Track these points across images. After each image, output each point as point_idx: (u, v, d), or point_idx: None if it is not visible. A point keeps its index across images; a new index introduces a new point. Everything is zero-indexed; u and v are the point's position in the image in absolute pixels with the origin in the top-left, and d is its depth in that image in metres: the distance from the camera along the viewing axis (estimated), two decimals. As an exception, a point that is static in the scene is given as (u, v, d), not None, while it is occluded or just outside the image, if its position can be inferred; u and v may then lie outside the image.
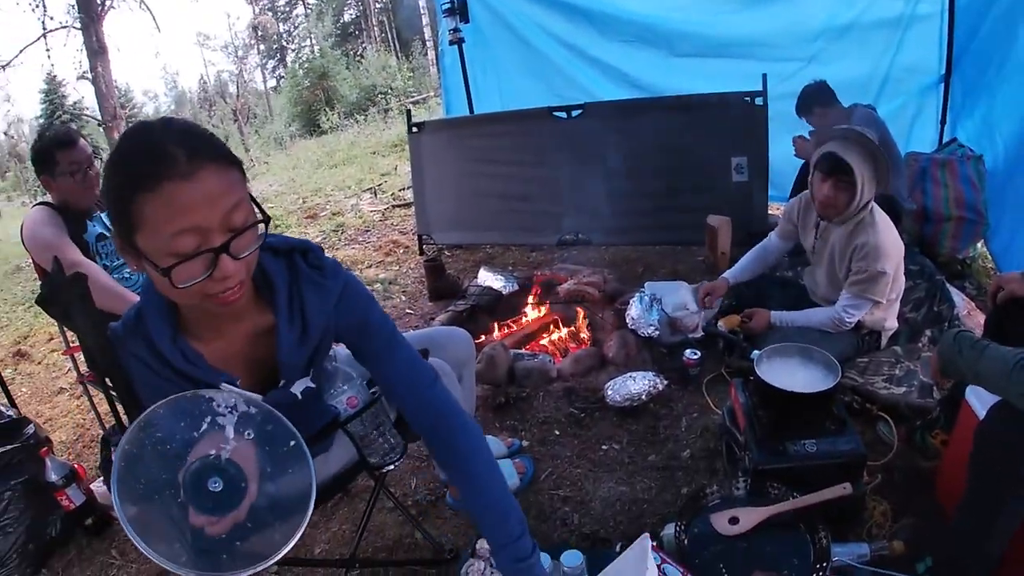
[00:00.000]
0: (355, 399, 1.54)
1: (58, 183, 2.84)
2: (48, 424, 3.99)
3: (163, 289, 1.19)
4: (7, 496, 2.68)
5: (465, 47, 5.73)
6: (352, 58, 31.08)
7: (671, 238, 4.60)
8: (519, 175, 5.04)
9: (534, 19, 5.82)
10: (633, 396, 2.84)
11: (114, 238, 1.22)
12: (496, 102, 6.13)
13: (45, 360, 5.54)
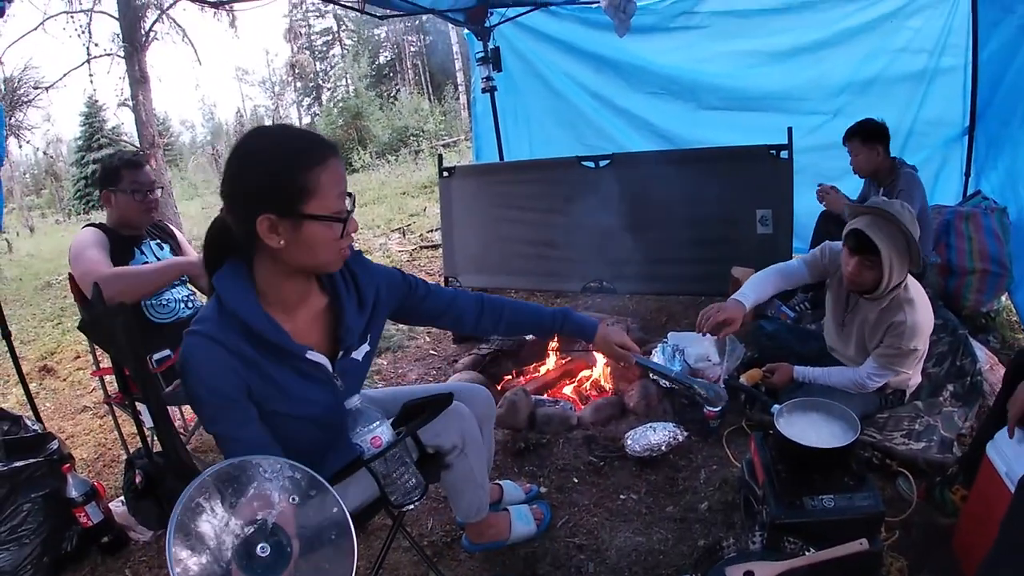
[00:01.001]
0: (379, 439, 1.57)
1: (118, 199, 2.99)
2: (70, 441, 4.06)
3: (314, 247, 1.53)
4: (26, 508, 2.74)
5: (497, 95, 5.90)
6: (386, 99, 31.54)
7: (695, 288, 4.62)
8: (546, 222, 5.11)
9: (564, 70, 5.99)
10: (653, 446, 2.84)
11: (260, 219, 1.47)
12: (526, 149, 6.30)
13: (70, 377, 5.63)
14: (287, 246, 1.51)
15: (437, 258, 6.83)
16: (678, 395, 3.23)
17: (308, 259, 1.56)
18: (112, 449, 3.96)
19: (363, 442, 1.57)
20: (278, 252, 1.53)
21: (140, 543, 2.90)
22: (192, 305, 3.19)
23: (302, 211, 1.48)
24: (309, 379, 1.70)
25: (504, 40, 5.92)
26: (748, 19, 5.15)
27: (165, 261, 2.91)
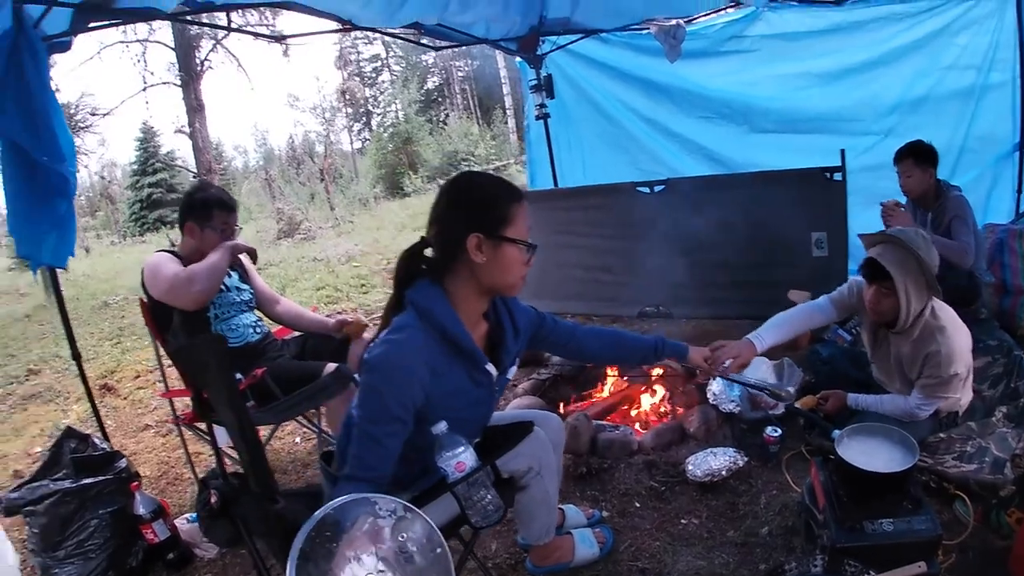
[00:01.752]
0: (464, 464, 1.70)
1: (204, 234, 3.14)
2: (133, 458, 4.14)
3: (507, 267, 1.88)
4: (94, 524, 2.90)
5: (550, 122, 5.99)
6: (435, 124, 31.83)
7: (751, 312, 4.57)
8: (602, 247, 5.20)
9: (616, 95, 6.07)
10: (714, 471, 2.89)
11: (471, 236, 1.83)
12: (579, 175, 6.38)
13: (131, 396, 5.83)
14: (487, 263, 1.86)
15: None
16: (751, 399, 3.32)
17: (499, 277, 1.90)
18: (175, 468, 4.12)
19: (448, 466, 1.70)
20: (477, 268, 1.87)
21: (205, 560, 3.02)
22: (260, 330, 3.34)
23: (503, 234, 1.85)
24: (479, 388, 2.00)
25: (556, 67, 6.02)
26: (797, 41, 5.19)
27: (218, 252, 3.05)
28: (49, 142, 2.80)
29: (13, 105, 2.73)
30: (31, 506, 2.85)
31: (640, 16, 5.09)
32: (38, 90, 2.76)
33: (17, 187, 2.85)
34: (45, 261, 3.04)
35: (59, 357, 8.15)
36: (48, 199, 2.89)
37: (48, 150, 2.80)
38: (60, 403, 6.21)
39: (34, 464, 4.72)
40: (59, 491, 2.87)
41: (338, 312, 6.48)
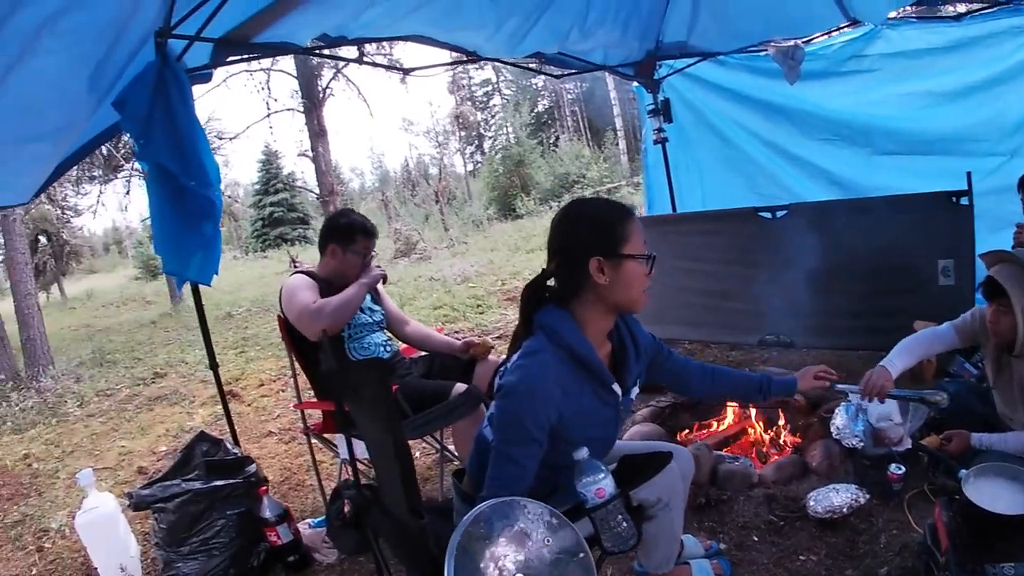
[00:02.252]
0: (603, 491, 1.73)
1: (345, 257, 3.32)
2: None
3: (630, 282, 1.95)
4: (220, 523, 3.05)
5: (668, 146, 5.92)
6: (546, 146, 32.07)
7: (875, 343, 4.40)
8: (722, 273, 5.08)
9: (735, 118, 5.98)
10: (835, 508, 2.79)
11: (592, 260, 1.91)
12: (698, 199, 6.28)
13: (255, 403, 6.10)
14: (610, 283, 1.92)
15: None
16: (874, 434, 3.18)
17: (624, 294, 1.96)
18: (297, 474, 4.29)
19: (588, 491, 1.74)
20: (602, 289, 1.93)
21: (323, 565, 3.12)
22: (390, 349, 3.45)
23: (622, 252, 1.92)
24: (606, 407, 2.06)
25: (673, 91, 5.96)
26: (917, 59, 5.02)
27: (354, 288, 3.18)
28: (196, 168, 2.97)
29: (161, 133, 2.90)
30: (161, 503, 3.01)
31: (757, 38, 5.03)
32: (184, 119, 2.94)
33: (164, 209, 3.02)
34: (190, 278, 3.22)
35: (184, 363, 8.62)
36: (195, 221, 3.05)
37: (195, 175, 2.97)
38: (185, 406, 6.56)
39: (159, 462, 5.02)
40: (191, 491, 3.02)
41: (456, 332, 6.62)
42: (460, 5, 3.72)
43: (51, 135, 2.95)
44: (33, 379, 8.88)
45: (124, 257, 48.19)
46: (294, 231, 34.55)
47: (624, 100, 31.82)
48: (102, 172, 20.09)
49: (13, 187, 3.44)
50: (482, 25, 3.94)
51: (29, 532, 4.28)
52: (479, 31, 4.08)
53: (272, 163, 36.18)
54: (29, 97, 2.56)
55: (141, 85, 2.87)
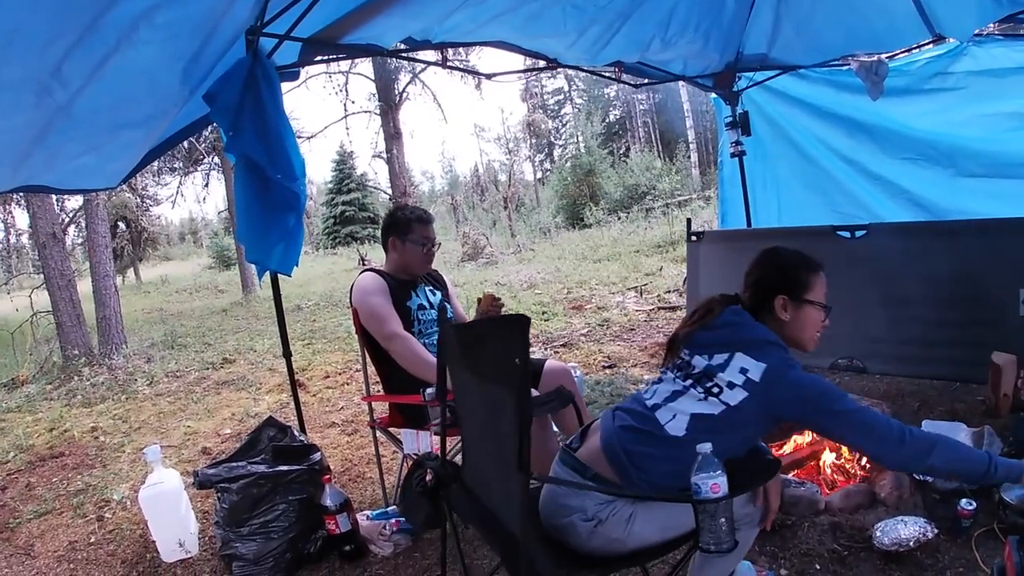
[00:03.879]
0: (719, 487, 1.75)
1: (406, 249, 3.36)
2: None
3: (806, 325, 2.19)
4: (281, 508, 3.08)
5: (745, 160, 5.82)
6: (617, 157, 31.94)
7: (951, 373, 4.29)
8: None
9: (815, 134, 5.85)
10: (902, 541, 2.68)
11: (778, 298, 2.16)
12: (774, 215, 6.16)
13: (319, 394, 6.18)
14: (790, 321, 2.17)
15: (675, 320, 6.80)
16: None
17: (799, 333, 2.20)
18: (358, 466, 4.33)
19: (703, 484, 1.76)
20: (781, 324, 2.17)
21: (378, 557, 3.14)
22: None
23: (804, 297, 2.17)
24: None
25: (752, 104, 5.85)
26: (1005, 79, 4.84)
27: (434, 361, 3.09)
28: (283, 161, 3.04)
29: (250, 126, 2.97)
30: (226, 483, 3.06)
31: (840, 52, 4.93)
32: (273, 114, 3.01)
33: (250, 200, 3.09)
34: (272, 268, 3.27)
35: (253, 350, 8.80)
36: (279, 213, 3.12)
37: (282, 169, 3.03)
38: (252, 392, 6.68)
39: (223, 443, 5.13)
40: (255, 474, 3.07)
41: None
42: (543, 12, 3.72)
43: (143, 123, 3.05)
44: (106, 356, 9.17)
45: (199, 247, 49.67)
46: (364, 230, 35.16)
47: (697, 112, 31.60)
48: (183, 165, 20.81)
49: (103, 171, 3.55)
50: (564, 32, 3.94)
51: (91, 501, 4.40)
52: (561, 38, 4.08)
53: (346, 163, 36.89)
54: (125, 85, 2.64)
55: (232, 80, 2.94)
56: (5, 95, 2.34)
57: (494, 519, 2.00)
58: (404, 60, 6.37)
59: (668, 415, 2.02)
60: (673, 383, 2.12)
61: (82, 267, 14.98)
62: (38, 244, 9.46)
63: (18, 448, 5.81)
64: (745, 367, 1.99)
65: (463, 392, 2.19)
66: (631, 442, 2.01)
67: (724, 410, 1.97)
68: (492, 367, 1.88)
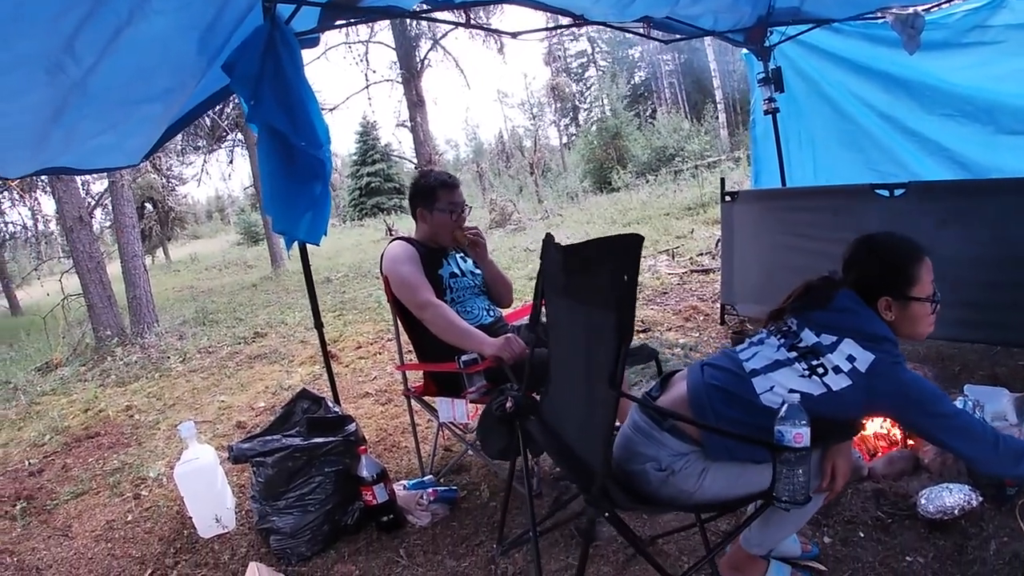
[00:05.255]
0: (802, 437, 1.77)
1: (433, 217, 3.30)
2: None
3: (915, 322, 2.10)
4: (317, 480, 3.08)
5: (779, 117, 5.66)
6: (643, 119, 31.59)
7: (993, 337, 4.13)
8: (834, 252, 4.65)
9: (851, 89, 5.66)
10: (946, 509, 2.62)
11: (881, 300, 2.06)
12: (810, 174, 6.01)
13: (352, 365, 6.19)
14: (895, 320, 2.07)
15: (708, 283, 6.74)
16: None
17: (908, 330, 2.10)
18: (392, 435, 4.32)
19: (787, 433, 1.79)
20: (889, 323, 2.05)
21: (416, 527, 3.13)
22: (493, 313, 3.42)
23: (910, 295, 2.06)
24: None
25: (785, 59, 5.67)
26: (1047, 32, 4.63)
27: (474, 332, 3.07)
28: (307, 129, 2.97)
29: (271, 95, 2.91)
30: (261, 457, 3.05)
31: (875, 4, 4.71)
32: (295, 81, 2.94)
33: (274, 170, 3.04)
34: (300, 238, 3.23)
35: (284, 323, 8.86)
36: (305, 181, 3.07)
37: (306, 136, 2.97)
38: (284, 365, 6.72)
39: (257, 417, 5.15)
40: (291, 447, 3.05)
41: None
42: (570, -35, 3.60)
43: (161, 97, 2.99)
44: (138, 335, 9.29)
45: (226, 223, 50.12)
46: (390, 201, 35.31)
47: (724, 72, 31.10)
48: (206, 143, 20.92)
49: (123, 148, 3.50)
50: (591, -14, 3.80)
51: (127, 480, 4.44)
52: (588, -8, 3.95)
53: (369, 134, 36.93)
54: (140, 59, 2.58)
55: (250, 48, 2.89)
56: (16, 73, 2.28)
57: (570, 451, 2.04)
58: (428, 21, 6.20)
59: (765, 384, 1.99)
60: (776, 351, 2.07)
61: (111, 249, 15.19)
62: (65, 228, 9.54)
63: (54, 430, 5.89)
64: (853, 355, 1.95)
65: (557, 320, 2.22)
66: (721, 402, 2.00)
67: (824, 393, 1.94)
68: (596, 289, 1.84)
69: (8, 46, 2.12)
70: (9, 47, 2.13)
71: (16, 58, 2.20)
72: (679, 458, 1.94)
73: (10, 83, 2.32)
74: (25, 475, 4.92)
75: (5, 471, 5.11)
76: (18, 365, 9.70)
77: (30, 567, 3.54)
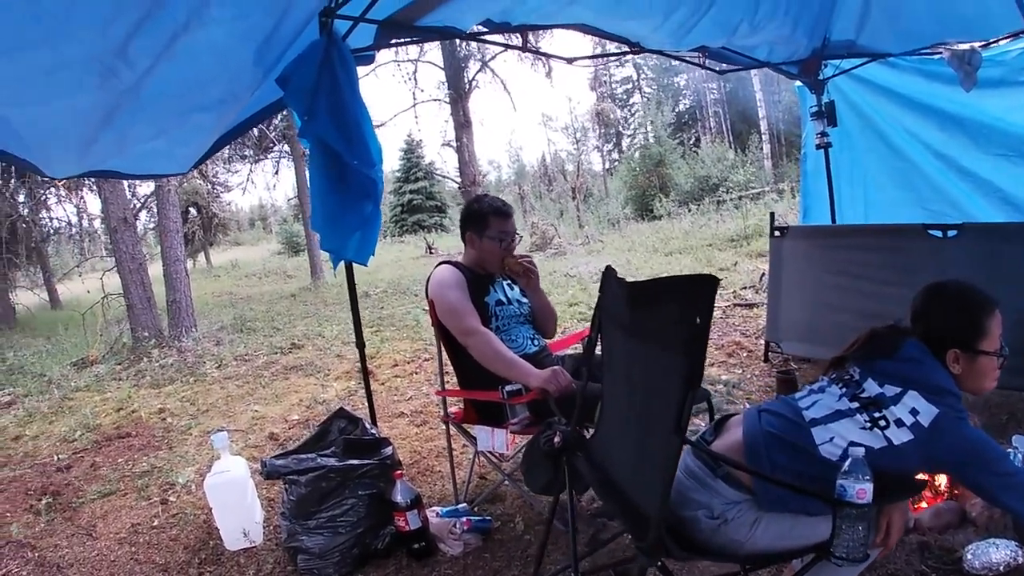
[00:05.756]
0: (865, 493, 1.70)
1: (483, 244, 3.25)
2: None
3: (981, 376, 2.01)
4: (350, 503, 3.03)
5: (831, 152, 5.58)
6: (687, 147, 31.45)
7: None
8: (882, 293, 4.61)
9: (905, 126, 5.55)
10: (992, 566, 2.53)
11: (949, 352, 1.99)
12: (860, 212, 5.89)
13: (388, 383, 6.13)
14: (962, 373, 1.99)
15: (752, 318, 6.58)
16: None
17: (971, 384, 2.02)
18: (427, 459, 4.24)
19: (849, 487, 1.72)
20: (954, 376, 1.97)
21: (447, 556, 3.07)
22: (538, 343, 3.34)
23: (979, 348, 1.98)
24: None
25: (839, 93, 5.58)
26: (1107, 73, 4.49)
27: (520, 363, 3.02)
28: (360, 147, 2.98)
29: (325, 110, 2.92)
30: (295, 475, 3.02)
31: (931, 39, 4.63)
32: (350, 98, 2.95)
33: (325, 187, 3.05)
34: (348, 258, 3.23)
35: (321, 336, 8.86)
36: (356, 200, 3.07)
37: (359, 155, 2.98)
38: (320, 378, 6.70)
39: (290, 430, 5.13)
40: (325, 467, 3.01)
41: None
42: (630, -9, 3.57)
43: (214, 107, 3.01)
44: (175, 339, 9.35)
45: (268, 232, 50.70)
46: (431, 219, 35.56)
47: (770, 102, 30.90)
48: (253, 152, 21.24)
49: (173, 156, 3.52)
50: (650, 15, 3.77)
51: (155, 484, 4.43)
52: (646, 20, 3.92)
53: (414, 152, 37.26)
54: (195, 67, 2.61)
55: (306, 62, 2.90)
56: (66, 74, 2.29)
57: (622, 494, 1.98)
58: (483, 43, 6.17)
59: (825, 435, 1.93)
60: (838, 400, 2.02)
61: (153, 251, 15.43)
62: (109, 229, 9.67)
63: (85, 427, 5.94)
64: (917, 408, 1.89)
65: (614, 357, 2.15)
66: (778, 451, 1.95)
67: (885, 447, 1.88)
68: (663, 329, 1.78)
69: (55, 48, 2.14)
70: (56, 49, 2.15)
71: (63, 60, 2.21)
72: (732, 506, 1.90)
73: (57, 84, 2.34)
74: (53, 470, 4.95)
75: (33, 464, 5.15)
76: (54, 359, 9.81)
77: (51, 564, 3.54)
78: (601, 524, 3.09)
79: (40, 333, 13.44)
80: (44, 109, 2.51)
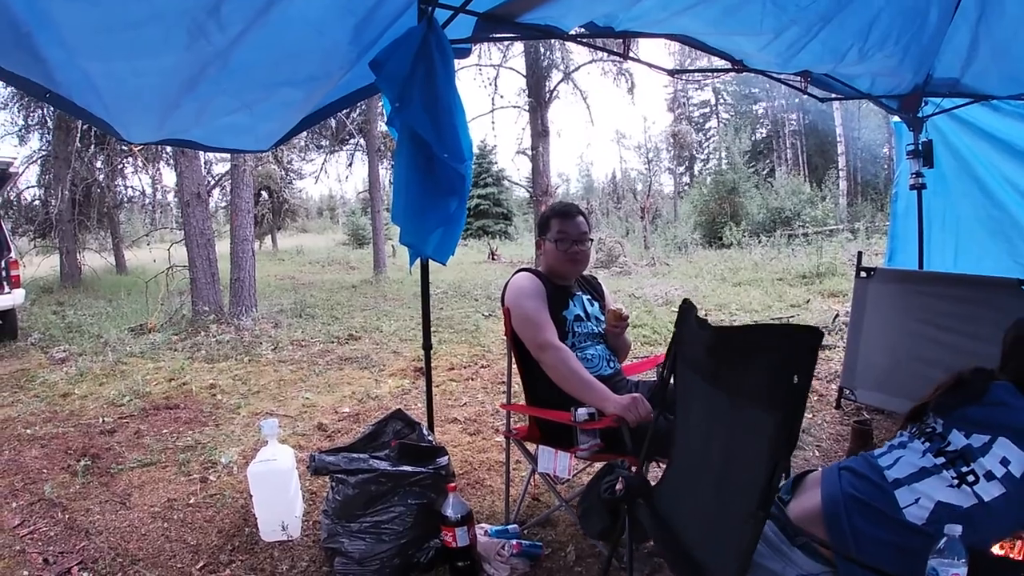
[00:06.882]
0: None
1: (546, 247, 3.10)
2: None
3: None
4: (399, 510, 2.87)
5: (924, 194, 5.27)
6: (761, 177, 30.94)
7: None
8: (968, 348, 4.27)
9: (1004, 173, 5.25)
10: None
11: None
12: (950, 259, 5.58)
13: (443, 386, 5.99)
14: None
15: (824, 361, 6.26)
16: None
17: None
18: (478, 471, 4.07)
19: (942, 570, 1.58)
20: None
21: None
22: (613, 365, 3.15)
23: None
24: None
25: (937, 133, 5.28)
26: None
27: (597, 386, 2.78)
28: (451, 140, 2.84)
29: (419, 99, 2.80)
30: (344, 475, 2.89)
31: (1040, 83, 4.35)
32: (445, 88, 2.82)
33: (411, 179, 2.92)
34: (427, 255, 3.10)
35: (379, 330, 8.82)
36: (442, 195, 2.94)
37: (449, 148, 2.84)
38: (374, 373, 6.63)
39: (339, 422, 5.03)
40: (377, 471, 2.87)
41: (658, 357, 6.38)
42: (742, 7, 3.37)
43: (304, 83, 2.91)
44: (235, 316, 9.46)
45: (335, 222, 51.41)
46: (496, 225, 35.72)
47: (850, 138, 30.22)
48: (329, 143, 21.49)
49: (255, 132, 3.40)
50: (759, 32, 3.57)
51: (197, 460, 4.37)
52: (755, 38, 3.72)
53: (486, 157, 37.36)
54: (289, 38, 2.51)
55: (403, 48, 2.78)
56: (154, 29, 2.18)
57: (688, 554, 1.79)
58: (581, 45, 5.98)
59: (910, 497, 1.78)
60: (922, 457, 1.85)
61: (222, 228, 15.63)
62: (182, 202, 9.86)
63: (134, 393, 5.95)
64: (1008, 457, 1.71)
65: (690, 404, 1.97)
66: (860, 516, 1.79)
67: (975, 505, 1.70)
68: (752, 384, 1.59)
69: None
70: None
71: (153, 10, 2.10)
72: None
73: (144, 39, 2.23)
74: (96, 432, 4.94)
75: (78, 424, 5.15)
76: (112, 322, 9.97)
77: (80, 528, 3.47)
78: (657, 564, 2.89)
79: (103, 295, 13.68)
80: (127, 66, 2.40)
